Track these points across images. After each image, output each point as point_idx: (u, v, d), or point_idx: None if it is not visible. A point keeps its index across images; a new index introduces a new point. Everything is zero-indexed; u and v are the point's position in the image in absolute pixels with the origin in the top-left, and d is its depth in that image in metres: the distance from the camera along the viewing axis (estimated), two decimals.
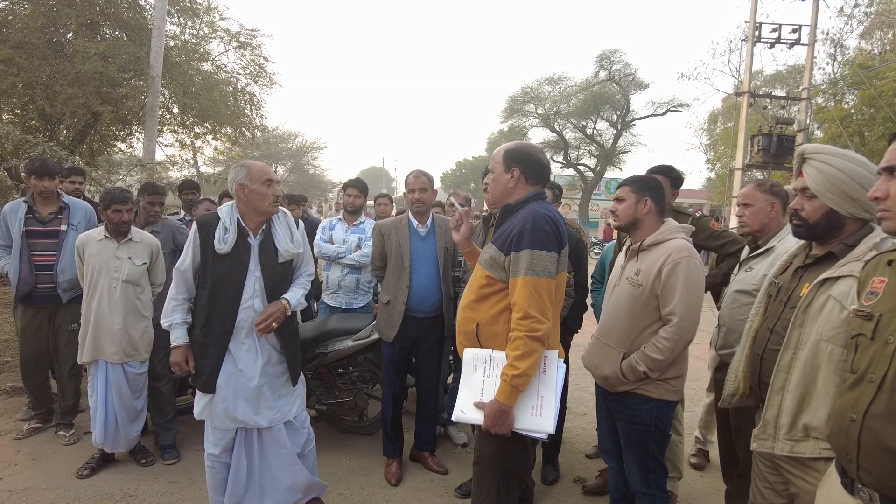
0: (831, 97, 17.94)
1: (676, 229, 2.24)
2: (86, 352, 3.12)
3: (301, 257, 2.64)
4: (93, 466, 3.19)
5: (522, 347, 1.82)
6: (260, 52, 10.50)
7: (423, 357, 3.31)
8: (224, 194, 4.67)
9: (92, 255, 3.14)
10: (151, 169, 7.38)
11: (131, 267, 3.16)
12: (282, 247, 2.50)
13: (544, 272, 1.86)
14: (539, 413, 1.88)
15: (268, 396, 2.50)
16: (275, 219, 2.54)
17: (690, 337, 2.12)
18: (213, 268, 2.40)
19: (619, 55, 27.24)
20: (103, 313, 3.10)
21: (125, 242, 3.17)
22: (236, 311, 2.41)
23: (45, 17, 7.46)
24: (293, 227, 2.58)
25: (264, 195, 2.41)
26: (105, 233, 3.17)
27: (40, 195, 3.48)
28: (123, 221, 3.13)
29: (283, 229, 2.53)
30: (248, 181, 2.40)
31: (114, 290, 3.12)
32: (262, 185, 2.41)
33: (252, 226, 2.47)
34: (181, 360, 2.44)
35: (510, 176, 2.04)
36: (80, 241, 3.19)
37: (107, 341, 3.10)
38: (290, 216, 2.62)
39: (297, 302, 2.56)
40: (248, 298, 2.44)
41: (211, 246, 2.38)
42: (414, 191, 3.21)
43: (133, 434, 3.24)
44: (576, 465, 3.51)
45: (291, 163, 33.62)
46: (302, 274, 2.66)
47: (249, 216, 2.46)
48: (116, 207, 3.10)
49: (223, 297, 2.40)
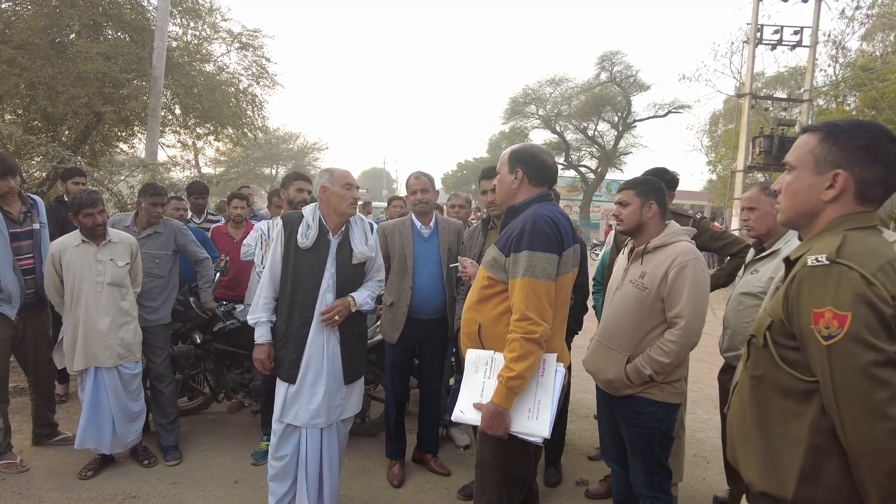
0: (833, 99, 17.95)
1: (680, 232, 2.24)
2: (77, 360, 3.05)
3: (373, 262, 2.76)
4: (95, 468, 3.18)
5: (519, 349, 1.81)
6: (262, 52, 10.49)
7: (427, 359, 3.31)
8: (232, 196, 4.66)
9: (71, 262, 3.04)
10: (154, 170, 7.37)
11: (115, 269, 3.09)
12: (357, 248, 2.63)
13: (543, 274, 1.84)
14: (536, 417, 1.87)
15: (333, 393, 2.59)
16: (353, 222, 2.67)
17: (696, 340, 2.12)
18: (295, 261, 2.56)
19: (620, 56, 27.28)
20: (91, 319, 3.04)
21: (105, 245, 3.10)
22: (314, 304, 2.54)
23: (48, 18, 7.47)
24: (368, 232, 2.72)
25: (343, 197, 2.55)
26: (82, 237, 3.07)
27: (3, 197, 3.18)
28: (98, 224, 3.04)
29: (359, 233, 2.68)
30: (330, 184, 2.56)
31: (99, 295, 3.06)
32: (342, 188, 2.55)
33: (332, 226, 2.61)
34: (265, 357, 2.56)
35: (514, 177, 2.03)
36: (54, 250, 3.07)
37: (99, 347, 3.05)
38: (367, 221, 2.77)
39: (363, 301, 2.66)
40: (322, 293, 2.55)
41: (294, 241, 2.55)
42: (416, 192, 3.21)
43: (131, 436, 3.22)
44: (578, 467, 3.50)
45: (293, 164, 33.63)
46: (373, 279, 2.78)
47: (329, 216, 2.60)
48: (87, 212, 3.00)
49: (303, 289, 2.55)
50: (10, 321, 3.18)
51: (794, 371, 1.16)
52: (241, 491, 3.10)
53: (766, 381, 1.23)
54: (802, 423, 1.14)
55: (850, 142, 1.19)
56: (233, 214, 4.51)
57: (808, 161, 1.24)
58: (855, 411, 1.04)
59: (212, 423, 4.06)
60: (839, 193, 1.20)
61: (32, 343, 3.38)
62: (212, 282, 3.82)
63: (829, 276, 1.09)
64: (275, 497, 2.61)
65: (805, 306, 1.11)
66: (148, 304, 3.40)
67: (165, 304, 3.52)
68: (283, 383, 2.56)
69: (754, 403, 1.26)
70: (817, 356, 1.09)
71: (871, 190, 1.20)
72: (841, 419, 1.06)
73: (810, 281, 1.11)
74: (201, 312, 3.76)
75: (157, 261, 3.47)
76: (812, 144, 1.24)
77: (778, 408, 1.20)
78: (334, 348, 2.59)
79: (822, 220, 1.23)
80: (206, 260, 3.72)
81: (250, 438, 3.73)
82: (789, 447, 1.16)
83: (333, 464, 2.66)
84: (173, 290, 3.60)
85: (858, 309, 1.04)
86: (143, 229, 3.49)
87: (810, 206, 1.24)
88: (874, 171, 1.18)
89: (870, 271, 1.07)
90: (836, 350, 1.05)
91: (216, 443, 3.70)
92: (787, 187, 1.29)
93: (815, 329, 1.08)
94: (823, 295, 1.08)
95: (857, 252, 1.11)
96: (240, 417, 4.16)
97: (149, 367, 3.45)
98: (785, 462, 1.17)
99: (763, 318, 1.24)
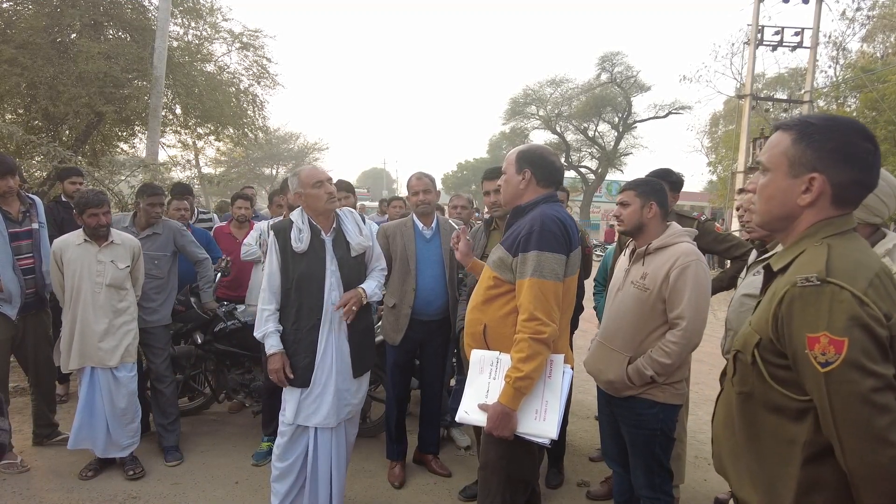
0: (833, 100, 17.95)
1: (682, 233, 2.24)
2: (73, 359, 3.04)
3: (372, 251, 2.77)
4: (95, 468, 3.18)
5: (527, 350, 1.81)
6: (263, 53, 10.48)
7: (428, 360, 3.30)
8: (236, 196, 4.65)
9: (72, 261, 3.03)
10: (154, 170, 7.37)
11: (114, 271, 3.07)
12: (353, 241, 2.63)
13: (551, 274, 1.84)
14: (543, 418, 1.86)
15: (343, 391, 2.59)
16: (342, 217, 2.67)
17: (698, 341, 2.12)
18: (294, 267, 2.54)
19: (620, 57, 27.29)
20: (87, 319, 3.02)
21: (106, 246, 3.08)
22: (321, 306, 2.53)
23: (49, 18, 7.47)
24: (360, 222, 2.73)
25: (318, 196, 2.53)
26: (84, 237, 3.06)
27: (2, 197, 3.20)
28: (101, 225, 3.02)
29: (351, 225, 2.68)
30: (301, 188, 2.54)
31: (97, 295, 3.04)
32: (313, 187, 2.53)
33: (322, 225, 2.60)
34: (280, 366, 2.51)
35: (521, 177, 2.03)
36: (56, 248, 3.07)
37: (94, 347, 3.04)
38: (356, 213, 2.78)
39: (373, 292, 2.67)
40: (328, 291, 2.54)
41: (289, 247, 2.53)
42: (417, 192, 3.20)
43: (126, 440, 3.16)
44: (579, 468, 3.50)
45: (293, 164, 33.64)
46: (375, 269, 2.79)
47: (315, 217, 2.60)
48: (92, 212, 2.98)
49: (308, 292, 2.54)
50: (11, 321, 3.18)
51: (785, 390, 1.13)
52: (242, 491, 3.09)
53: (755, 398, 1.20)
54: (796, 440, 1.12)
55: (825, 143, 1.14)
56: (236, 215, 4.53)
57: (782, 163, 1.19)
58: (856, 438, 1.02)
59: (212, 423, 4.06)
60: (816, 198, 1.16)
61: (33, 343, 3.38)
62: (212, 282, 3.82)
63: (821, 298, 1.05)
64: (277, 497, 2.60)
65: (797, 329, 1.08)
66: (147, 305, 3.39)
67: (165, 304, 3.51)
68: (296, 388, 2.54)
69: (743, 419, 1.23)
70: (813, 382, 1.06)
71: (848, 192, 1.16)
72: (841, 445, 1.04)
73: (801, 302, 1.08)
74: (202, 313, 3.75)
75: (156, 262, 3.46)
76: (785, 145, 1.19)
77: (769, 425, 1.17)
78: (343, 346, 2.59)
79: (800, 226, 1.20)
80: (206, 260, 3.71)
81: (251, 439, 3.73)
82: (783, 464, 1.14)
83: (342, 463, 2.67)
84: (172, 291, 3.60)
85: (854, 333, 1.02)
86: (141, 230, 3.47)
87: (786, 211, 1.20)
88: (850, 174, 1.14)
89: (861, 289, 1.04)
90: (834, 377, 1.03)
91: (217, 443, 3.69)
92: (761, 190, 1.25)
93: (811, 355, 1.05)
94: (817, 318, 1.05)
95: (844, 269, 1.08)
96: (240, 418, 4.16)
97: (149, 368, 3.45)
98: (780, 480, 1.15)
99: (750, 335, 1.20)
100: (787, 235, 1.23)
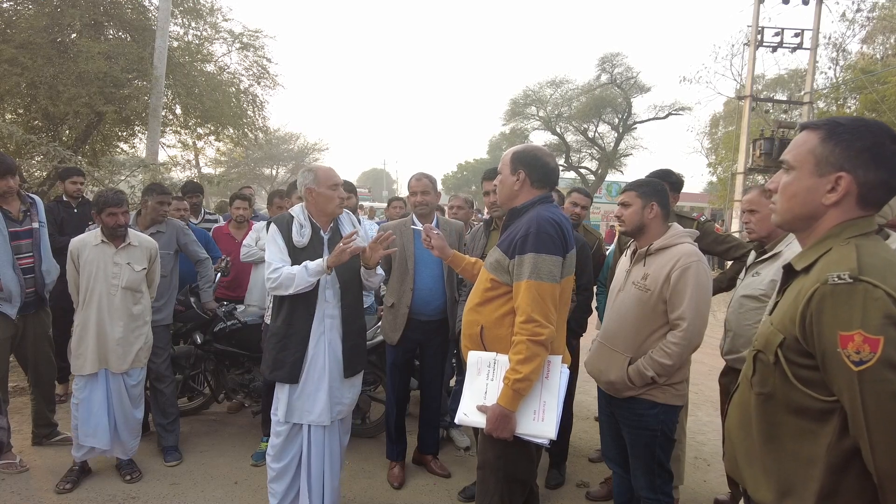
0: (833, 101, 17.97)
1: (683, 234, 2.24)
2: (89, 362, 2.98)
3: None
4: (74, 480, 3.06)
5: (525, 351, 1.81)
6: (263, 53, 10.48)
7: (427, 360, 3.30)
8: (234, 196, 4.65)
9: (88, 262, 2.98)
10: (154, 170, 7.37)
11: (131, 273, 3.03)
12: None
13: (548, 276, 1.85)
14: (541, 418, 1.87)
15: (335, 389, 2.58)
16: (339, 216, 2.70)
17: (698, 342, 2.12)
18: (293, 261, 2.52)
19: (621, 58, 27.22)
20: (103, 321, 2.98)
21: (123, 247, 3.04)
22: (315, 302, 2.53)
23: (50, 18, 7.46)
24: (356, 222, 2.75)
25: (330, 198, 2.54)
26: (101, 237, 3.01)
27: (2, 196, 3.18)
28: (119, 225, 2.98)
29: (348, 224, 2.70)
30: (316, 185, 2.53)
31: (113, 297, 3.00)
32: (329, 189, 2.53)
33: (321, 223, 2.63)
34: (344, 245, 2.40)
35: (516, 178, 2.03)
36: (74, 247, 3.02)
37: (110, 350, 3.01)
38: (353, 215, 2.79)
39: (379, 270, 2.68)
40: (322, 289, 2.55)
41: (290, 241, 2.53)
42: (416, 193, 3.21)
43: (131, 445, 3.17)
44: (579, 469, 3.50)
45: (293, 164, 33.65)
46: None
47: (317, 216, 2.60)
48: (111, 211, 2.94)
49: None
50: (11, 320, 3.17)
51: (810, 391, 1.11)
52: (241, 492, 3.09)
53: (777, 399, 1.17)
54: (819, 442, 1.10)
55: (853, 143, 1.13)
56: (235, 215, 4.52)
57: (808, 161, 1.18)
58: (888, 437, 1.01)
59: (212, 423, 4.05)
60: (841, 197, 1.14)
61: (32, 342, 3.37)
62: (212, 282, 3.82)
63: (854, 296, 1.04)
64: (275, 498, 2.60)
65: (829, 328, 1.05)
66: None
67: (167, 304, 3.51)
68: (285, 385, 2.54)
69: (763, 421, 1.21)
70: (845, 381, 1.04)
71: (874, 194, 1.15)
72: (871, 444, 1.02)
73: (833, 300, 1.05)
74: (202, 313, 3.75)
75: (160, 260, 3.46)
76: (813, 143, 1.18)
77: (790, 426, 1.15)
78: (335, 344, 2.58)
79: (823, 225, 1.18)
80: (207, 260, 3.72)
81: (250, 439, 3.72)
82: (805, 467, 1.12)
83: (335, 463, 2.66)
84: (174, 290, 3.60)
85: (890, 332, 1.00)
86: (144, 228, 3.48)
87: (810, 210, 1.19)
88: (878, 175, 1.12)
89: (893, 287, 1.02)
90: (869, 376, 1.01)
91: (216, 443, 3.69)
92: (784, 188, 1.23)
93: (844, 353, 1.03)
94: (850, 317, 1.03)
95: (876, 267, 1.06)
96: (240, 418, 4.15)
97: (149, 368, 3.43)
98: (800, 483, 1.13)
99: (773, 335, 1.18)
100: (808, 235, 1.21)
